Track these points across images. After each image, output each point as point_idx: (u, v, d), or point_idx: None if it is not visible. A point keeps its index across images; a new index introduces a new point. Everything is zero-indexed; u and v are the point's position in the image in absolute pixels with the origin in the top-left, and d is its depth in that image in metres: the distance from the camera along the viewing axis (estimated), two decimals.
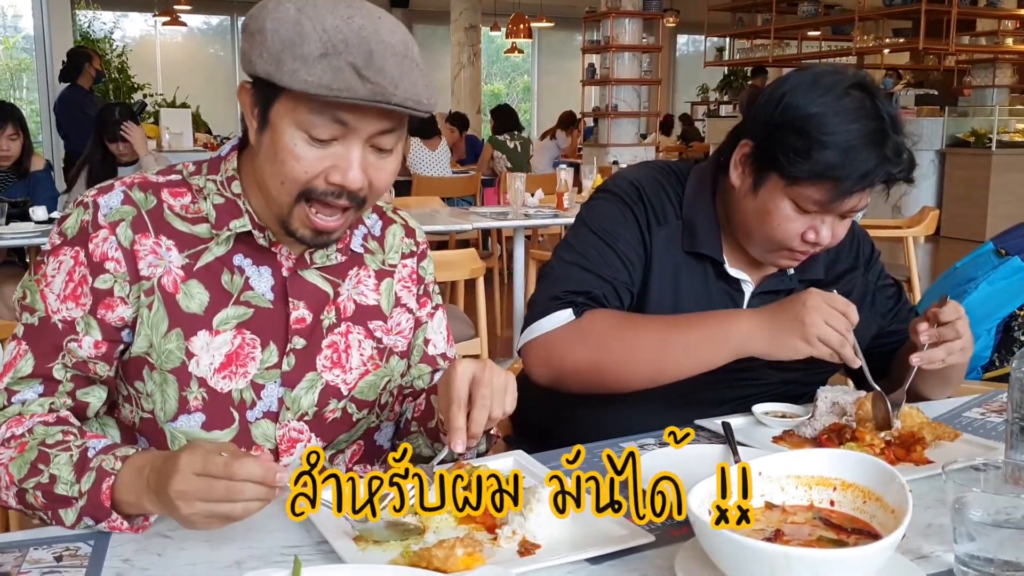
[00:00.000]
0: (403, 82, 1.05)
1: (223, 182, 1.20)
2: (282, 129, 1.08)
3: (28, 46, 11.44)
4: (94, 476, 1.03)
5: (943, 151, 9.23)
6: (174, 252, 1.17)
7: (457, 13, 12.72)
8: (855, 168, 1.32)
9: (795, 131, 1.34)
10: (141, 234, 1.16)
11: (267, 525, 1.06)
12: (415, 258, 1.37)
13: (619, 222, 1.50)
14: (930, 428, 1.32)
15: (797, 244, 1.41)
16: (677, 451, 1.29)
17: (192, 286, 1.17)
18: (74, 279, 1.15)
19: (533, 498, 1.00)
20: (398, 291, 1.33)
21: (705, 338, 1.38)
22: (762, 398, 1.48)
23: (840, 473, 0.98)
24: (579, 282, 1.46)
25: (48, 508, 1.04)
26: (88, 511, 1.02)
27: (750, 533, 0.91)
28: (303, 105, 1.06)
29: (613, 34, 8.81)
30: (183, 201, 1.19)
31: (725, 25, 12.66)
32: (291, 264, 1.22)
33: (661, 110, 12.05)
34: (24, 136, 4.34)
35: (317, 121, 1.06)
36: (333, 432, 1.27)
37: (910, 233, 4.29)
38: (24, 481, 1.05)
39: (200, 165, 1.22)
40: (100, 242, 1.15)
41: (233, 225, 1.18)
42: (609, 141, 9.08)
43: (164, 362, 1.17)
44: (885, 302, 1.64)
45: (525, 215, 4.64)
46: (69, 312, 1.15)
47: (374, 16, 1.08)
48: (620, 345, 1.40)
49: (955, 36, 9.54)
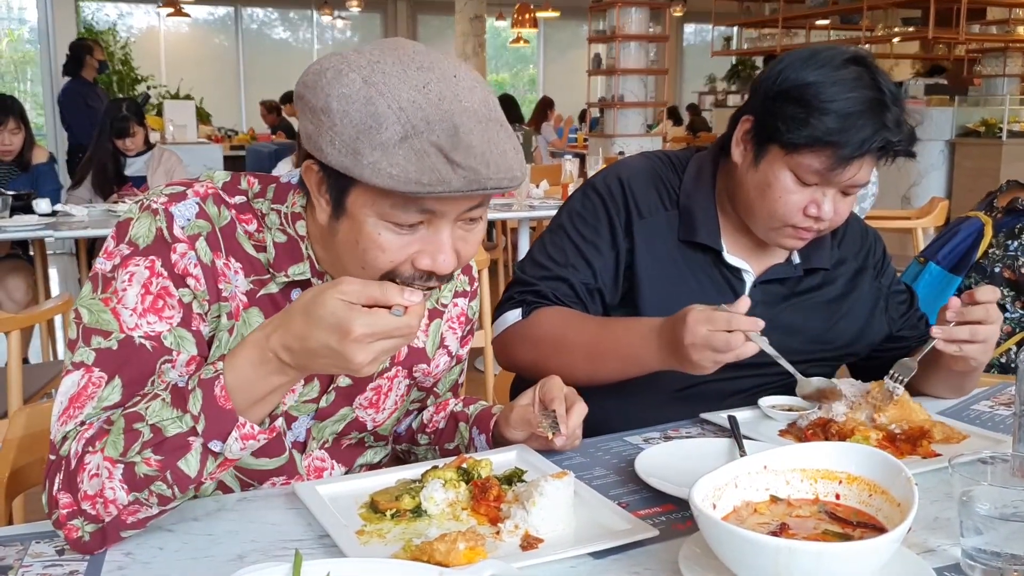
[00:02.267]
0: (493, 157, 0.96)
1: (288, 216, 1.10)
2: (362, 219, 0.99)
3: (33, 38, 11.45)
4: (200, 392, 0.93)
5: (953, 141, 9.17)
6: (240, 276, 1.09)
7: (462, 3, 12.65)
8: (853, 134, 1.32)
9: (793, 100, 1.35)
10: (215, 253, 1.07)
11: (269, 518, 1.06)
12: (467, 298, 1.35)
13: (588, 222, 1.51)
14: (936, 429, 1.29)
15: (799, 219, 1.40)
16: (682, 445, 1.29)
17: (252, 314, 1.10)
18: (152, 291, 1.04)
19: (536, 492, 1.00)
20: (444, 332, 1.31)
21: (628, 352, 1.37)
22: (768, 389, 1.47)
23: (846, 466, 0.97)
24: (532, 282, 1.49)
25: (165, 467, 0.93)
26: (211, 432, 0.93)
27: (755, 527, 0.91)
28: (385, 198, 0.97)
29: (619, 24, 8.76)
30: (249, 228, 1.10)
31: (733, 14, 12.59)
32: None
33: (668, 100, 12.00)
34: (25, 129, 4.34)
35: (402, 213, 0.98)
36: (351, 458, 1.26)
37: (919, 224, 4.26)
38: (127, 452, 0.94)
39: (266, 186, 1.12)
40: (180, 257, 1.05)
41: (292, 272, 1.10)
42: (615, 131, 9.04)
43: None
44: (897, 307, 1.63)
45: (530, 206, 4.63)
46: (152, 327, 1.04)
47: (449, 77, 0.98)
48: (557, 353, 1.42)
49: (965, 25, 9.45)
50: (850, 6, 10.61)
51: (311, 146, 1.00)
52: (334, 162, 0.97)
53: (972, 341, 1.33)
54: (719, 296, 1.50)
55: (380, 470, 1.20)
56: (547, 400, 1.22)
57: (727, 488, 0.94)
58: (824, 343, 1.53)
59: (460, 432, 1.34)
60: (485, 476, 1.08)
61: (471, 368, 4.37)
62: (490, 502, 1.04)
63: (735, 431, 1.28)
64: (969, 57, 11.61)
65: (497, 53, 16.44)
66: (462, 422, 1.34)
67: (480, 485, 1.06)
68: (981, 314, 1.32)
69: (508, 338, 1.48)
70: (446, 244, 1.01)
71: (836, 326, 1.54)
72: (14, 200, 3.98)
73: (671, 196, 1.53)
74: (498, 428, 1.28)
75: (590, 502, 1.07)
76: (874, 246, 1.64)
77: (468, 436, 1.33)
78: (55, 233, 3.84)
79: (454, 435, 1.35)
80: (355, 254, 1.03)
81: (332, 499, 1.07)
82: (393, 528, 1.01)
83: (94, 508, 0.95)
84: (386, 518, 1.03)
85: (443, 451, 1.35)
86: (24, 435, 1.32)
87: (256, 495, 1.13)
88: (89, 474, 0.95)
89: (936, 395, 1.52)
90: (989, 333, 1.34)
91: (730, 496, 0.94)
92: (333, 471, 1.24)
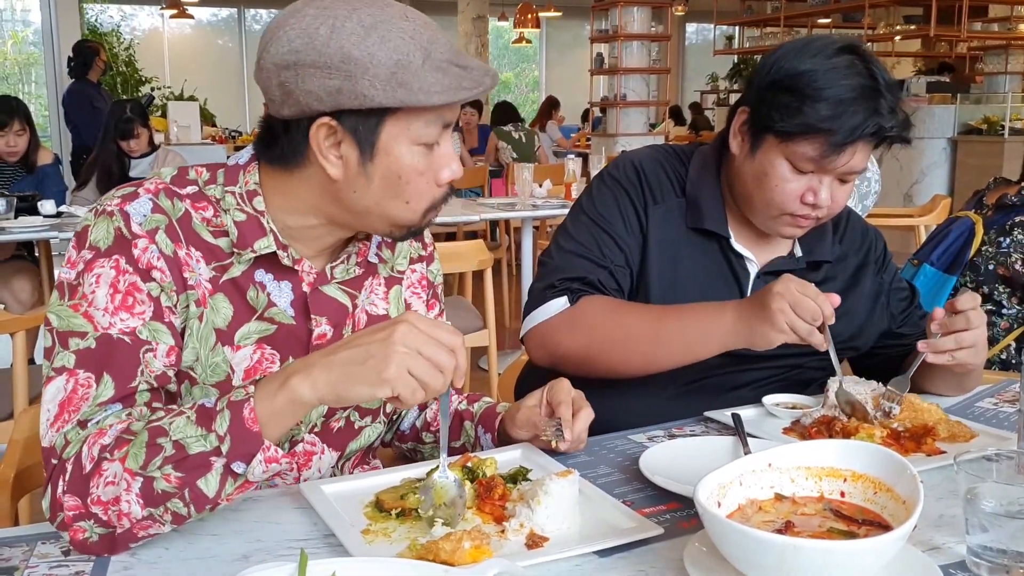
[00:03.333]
0: (480, 61, 1.08)
1: (243, 195, 1.13)
2: (399, 151, 1.06)
3: (37, 40, 11.47)
4: (228, 412, 0.94)
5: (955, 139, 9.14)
6: (202, 264, 1.11)
7: (464, 3, 12.67)
8: (845, 120, 1.32)
9: (787, 88, 1.36)
10: (176, 244, 1.09)
11: (274, 518, 1.06)
12: (424, 262, 1.35)
13: (614, 206, 1.51)
14: (947, 425, 1.29)
15: (796, 207, 1.40)
16: (687, 443, 1.29)
17: (219, 300, 1.12)
18: (120, 289, 1.05)
19: (541, 491, 1.00)
20: (407, 298, 1.32)
21: (694, 331, 1.38)
22: (771, 383, 1.48)
23: (850, 464, 0.97)
24: (575, 269, 1.47)
25: (184, 484, 0.94)
26: (235, 453, 0.93)
27: (760, 525, 0.91)
28: (418, 119, 1.05)
29: (621, 23, 8.76)
30: (205, 215, 1.12)
31: (734, 13, 12.57)
32: (312, 279, 1.18)
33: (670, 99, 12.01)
34: (30, 131, 4.35)
35: (433, 130, 1.07)
36: (342, 442, 1.26)
37: (922, 222, 4.26)
38: (147, 466, 0.94)
39: (215, 172, 1.15)
40: (141, 252, 1.06)
41: (257, 246, 1.12)
42: (618, 131, 9.04)
43: (209, 376, 1.12)
44: (898, 304, 1.63)
45: (533, 206, 4.63)
46: (126, 323, 1.05)
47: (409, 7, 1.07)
48: (611, 334, 1.41)
49: (967, 22, 9.43)
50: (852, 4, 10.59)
51: (330, 104, 1.03)
52: (383, 99, 1.02)
53: (960, 348, 1.34)
54: (725, 284, 1.50)
55: (385, 469, 1.20)
56: (554, 403, 1.22)
57: (732, 486, 0.94)
58: None
59: (465, 430, 1.34)
60: (490, 475, 1.08)
61: (475, 367, 4.38)
62: (495, 501, 1.04)
63: (739, 429, 1.28)
64: (971, 54, 11.59)
65: (500, 53, 16.43)
66: (467, 420, 1.35)
67: (485, 484, 1.06)
68: (963, 323, 1.34)
69: (555, 326, 1.45)
70: (453, 151, 1.12)
71: (837, 321, 1.54)
72: (19, 201, 3.99)
73: (680, 183, 1.54)
74: (503, 426, 1.29)
75: (595, 500, 1.07)
76: (875, 242, 1.64)
77: (474, 435, 1.33)
78: (60, 234, 3.84)
79: (459, 433, 1.35)
80: (397, 191, 1.09)
81: (337, 498, 1.08)
82: (398, 527, 1.02)
83: (106, 514, 0.95)
84: (391, 517, 1.03)
85: (449, 449, 1.35)
86: (30, 435, 1.32)
87: (261, 495, 1.13)
88: (105, 481, 0.95)
89: (939, 393, 1.52)
90: (975, 338, 1.35)
91: (735, 494, 0.94)
92: (324, 455, 1.23)
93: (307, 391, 0.94)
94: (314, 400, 0.95)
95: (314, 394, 0.95)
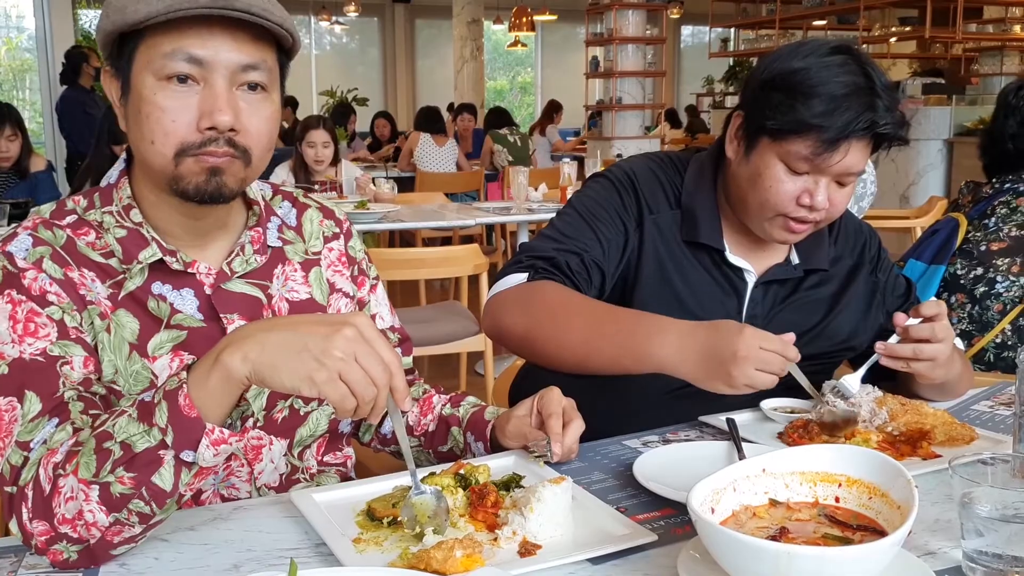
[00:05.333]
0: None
1: (120, 212, 1.13)
2: (142, 86, 1.05)
3: (31, 47, 11.45)
4: (165, 403, 0.92)
5: (951, 140, 9.15)
6: (98, 283, 1.10)
7: (459, 7, 12.68)
8: (838, 117, 1.32)
9: (780, 88, 1.36)
10: (65, 268, 1.09)
11: (264, 527, 1.05)
12: (340, 239, 1.32)
13: (603, 205, 1.50)
14: (945, 428, 1.28)
15: (792, 208, 1.39)
16: (681, 448, 1.28)
17: (121, 316, 1.11)
18: (19, 318, 1.05)
19: (534, 498, 0.99)
20: (329, 277, 1.29)
21: (628, 347, 1.32)
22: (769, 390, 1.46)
23: (845, 469, 0.96)
24: (545, 250, 1.46)
25: (139, 483, 0.92)
26: (181, 442, 0.91)
27: (754, 531, 0.90)
28: (154, 49, 1.03)
29: (616, 26, 8.76)
30: (89, 239, 1.12)
31: (729, 15, 12.59)
32: (212, 280, 1.16)
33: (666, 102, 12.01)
34: (23, 136, 4.34)
35: (171, 63, 1.03)
36: (288, 429, 1.23)
37: (918, 223, 4.26)
38: (99, 472, 0.92)
39: (91, 198, 1.15)
40: (32, 281, 1.06)
41: (143, 256, 1.11)
42: (613, 134, 9.05)
43: (132, 386, 1.11)
44: (894, 301, 1.62)
45: (528, 210, 4.62)
46: (34, 346, 1.04)
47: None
48: (551, 322, 1.37)
49: (962, 24, 9.45)
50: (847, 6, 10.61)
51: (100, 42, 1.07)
52: (107, 25, 1.04)
53: (917, 359, 1.33)
54: (723, 296, 1.49)
55: (375, 477, 1.18)
56: (544, 414, 1.20)
57: (726, 492, 0.93)
58: (822, 339, 1.52)
59: (453, 435, 1.33)
60: (483, 482, 1.07)
61: (471, 372, 4.37)
62: (488, 508, 1.03)
63: (734, 434, 1.27)
64: (966, 56, 11.61)
65: (495, 57, 16.45)
66: (454, 426, 1.33)
67: (478, 491, 1.05)
68: (927, 333, 1.32)
69: (504, 300, 1.43)
70: (221, 98, 1.04)
71: (833, 322, 1.53)
72: (12, 208, 3.97)
73: (675, 194, 1.52)
74: (494, 434, 1.28)
75: (588, 507, 1.06)
76: (869, 241, 1.63)
77: (463, 441, 1.32)
78: None
79: (446, 438, 1.34)
80: (141, 128, 1.06)
81: (328, 507, 1.07)
82: (390, 536, 1.01)
83: (75, 531, 0.94)
84: (383, 526, 1.02)
85: (436, 453, 1.34)
86: None
87: (251, 504, 1.12)
88: (65, 498, 0.94)
89: (926, 398, 1.50)
90: (935, 352, 1.33)
91: (729, 500, 0.94)
92: (273, 446, 1.21)
93: (238, 364, 0.90)
94: (245, 373, 0.90)
95: (245, 367, 0.90)
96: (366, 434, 1.42)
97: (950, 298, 2.36)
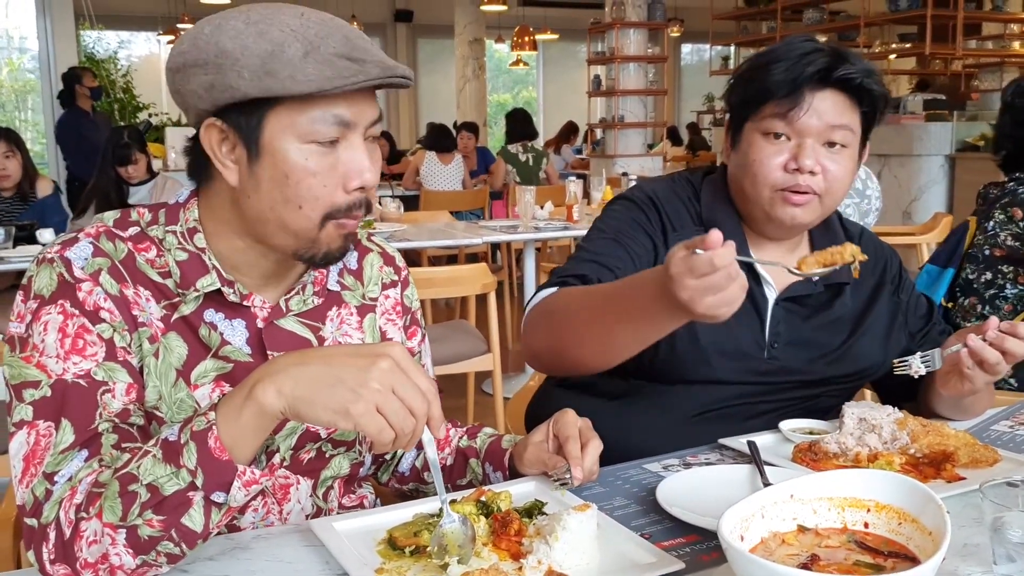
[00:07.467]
0: (385, 58, 1.03)
1: (184, 234, 1.11)
2: (285, 148, 1.02)
3: (34, 67, 11.50)
4: (194, 445, 0.90)
5: (952, 156, 9.18)
6: (152, 303, 1.09)
7: (461, 27, 12.75)
8: (799, 69, 1.37)
9: (750, 73, 1.44)
10: (122, 284, 1.07)
11: (286, 556, 1.03)
12: (398, 287, 1.31)
13: (629, 223, 1.51)
14: (968, 450, 1.27)
15: (780, 176, 1.40)
16: (703, 472, 1.27)
17: (171, 339, 1.09)
18: (69, 333, 1.03)
19: (559, 526, 0.98)
20: (382, 325, 1.28)
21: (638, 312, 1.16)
22: (787, 413, 1.45)
23: (873, 494, 0.95)
24: (576, 268, 1.45)
25: (169, 526, 0.90)
26: (211, 484, 0.90)
27: (784, 559, 0.88)
28: (302, 114, 1.01)
29: (618, 45, 8.80)
30: (148, 255, 1.10)
31: (730, 33, 12.63)
32: (266, 314, 1.14)
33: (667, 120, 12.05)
34: (23, 157, 4.33)
35: (321, 127, 1.02)
36: (314, 471, 1.21)
37: (923, 240, 4.25)
38: (126, 516, 0.90)
39: (156, 213, 1.13)
40: (87, 294, 1.04)
41: (200, 284, 1.09)
42: (616, 152, 9.07)
43: (175, 414, 1.09)
44: (916, 322, 1.61)
45: (535, 228, 4.62)
46: (79, 367, 1.02)
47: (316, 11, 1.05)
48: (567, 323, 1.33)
49: (961, 40, 9.50)
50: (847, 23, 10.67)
51: (209, 101, 1.01)
52: (249, 89, 0.98)
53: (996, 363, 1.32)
54: (744, 313, 1.47)
55: (395, 505, 1.17)
56: (561, 438, 1.18)
57: (754, 519, 0.92)
58: (845, 362, 1.51)
59: (472, 468, 1.31)
60: (505, 510, 1.06)
61: (479, 391, 4.35)
62: (511, 537, 1.01)
63: (756, 457, 1.26)
64: (966, 72, 11.66)
65: (497, 75, 16.51)
66: (472, 458, 1.32)
67: (500, 519, 1.03)
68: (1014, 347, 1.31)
69: (528, 322, 1.42)
70: (366, 158, 1.05)
71: (856, 344, 1.52)
72: (18, 231, 3.98)
73: (696, 212, 1.53)
74: (512, 463, 1.26)
75: (613, 534, 1.04)
76: (890, 260, 1.63)
77: (481, 472, 1.30)
78: None
79: (465, 470, 1.32)
80: (286, 193, 1.04)
81: (349, 536, 1.05)
82: (413, 565, 0.99)
83: (98, 574, 0.92)
84: (405, 555, 1.01)
85: (455, 487, 1.32)
86: None
87: (271, 532, 1.11)
88: (87, 541, 0.92)
89: (945, 417, 1.49)
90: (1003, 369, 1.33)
91: (757, 527, 0.92)
92: (299, 485, 1.19)
93: (272, 398, 0.89)
94: (280, 408, 0.89)
95: (280, 402, 0.89)
96: (384, 474, 1.40)
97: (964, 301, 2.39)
